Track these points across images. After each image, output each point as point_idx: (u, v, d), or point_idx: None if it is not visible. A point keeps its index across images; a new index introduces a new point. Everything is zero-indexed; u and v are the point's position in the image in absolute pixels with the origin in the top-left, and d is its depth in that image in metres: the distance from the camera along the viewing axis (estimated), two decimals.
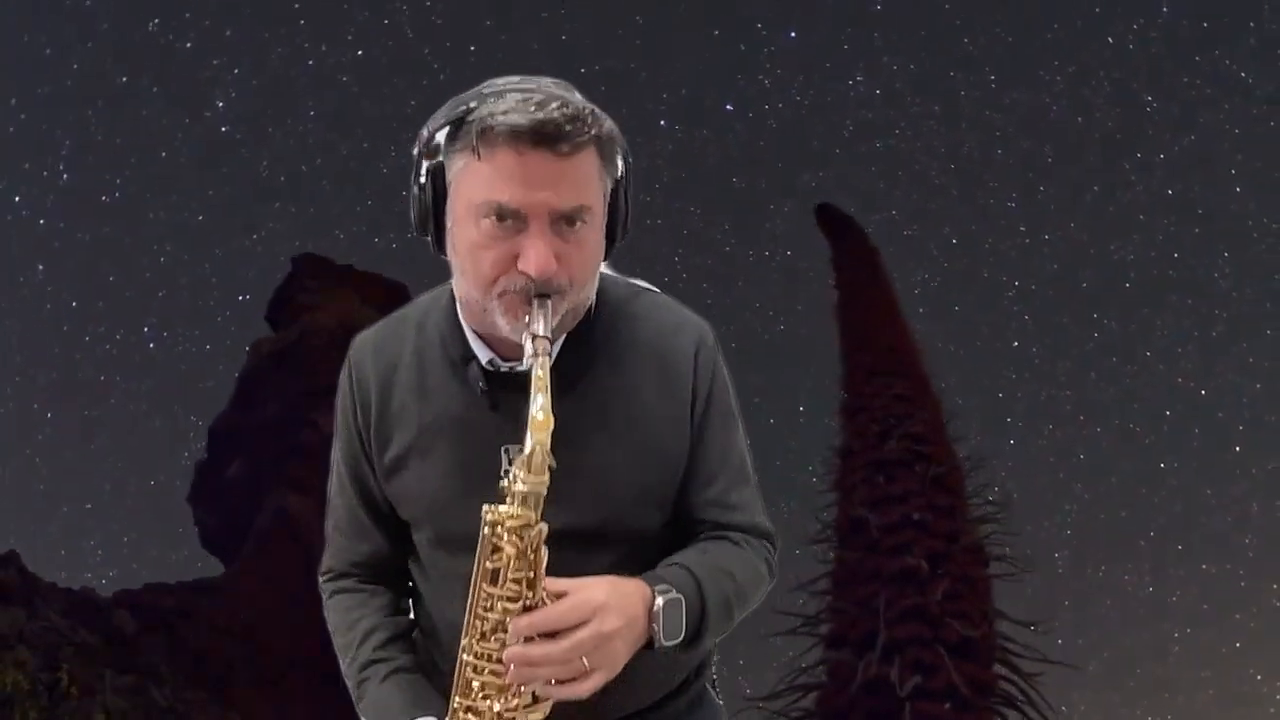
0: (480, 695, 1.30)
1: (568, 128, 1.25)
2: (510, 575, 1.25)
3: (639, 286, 1.50)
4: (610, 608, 1.25)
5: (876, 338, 13.32)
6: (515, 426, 1.28)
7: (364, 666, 1.45)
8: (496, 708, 1.29)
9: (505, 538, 1.24)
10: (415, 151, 1.34)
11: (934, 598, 11.85)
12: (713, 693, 1.61)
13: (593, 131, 1.27)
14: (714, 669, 1.63)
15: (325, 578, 1.55)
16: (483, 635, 1.28)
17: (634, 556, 1.38)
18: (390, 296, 24.60)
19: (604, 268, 1.44)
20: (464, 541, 1.30)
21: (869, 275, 14.00)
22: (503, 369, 1.38)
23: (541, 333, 1.26)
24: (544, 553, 1.25)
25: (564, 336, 1.38)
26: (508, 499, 1.25)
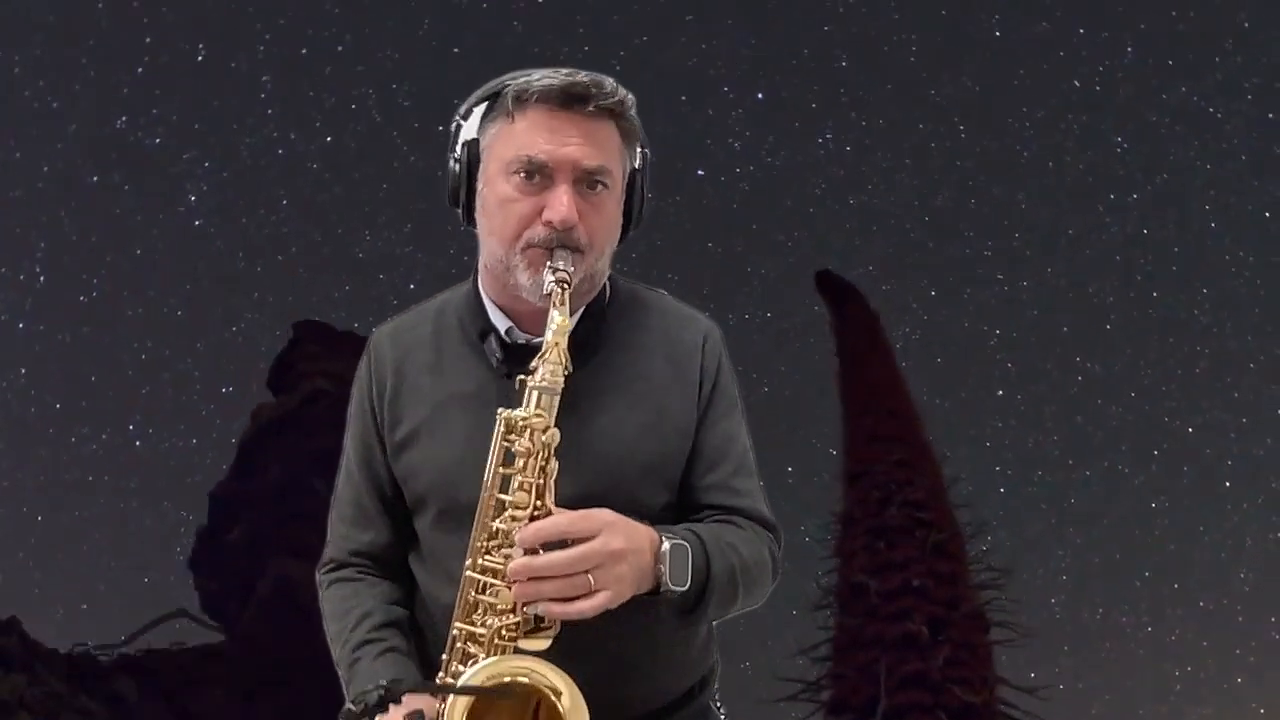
0: (481, 618, 1.27)
1: (593, 90, 1.36)
2: (520, 483, 1.26)
3: (651, 287, 1.55)
4: (618, 528, 1.26)
5: (877, 404, 13.43)
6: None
7: (356, 647, 1.42)
8: (496, 624, 1.26)
9: (516, 440, 1.26)
10: (452, 128, 1.43)
11: (935, 664, 11.87)
12: (716, 712, 1.59)
13: (616, 98, 1.37)
14: (717, 688, 1.61)
15: (323, 570, 1.53)
16: (488, 550, 1.28)
17: None
18: None
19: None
20: (468, 514, 1.31)
21: (870, 341, 14.13)
22: (520, 340, 1.42)
23: (562, 268, 1.33)
24: (554, 464, 1.27)
25: (580, 312, 1.43)
26: (525, 400, 1.28)
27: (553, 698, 1.23)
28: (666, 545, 1.30)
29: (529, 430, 1.26)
